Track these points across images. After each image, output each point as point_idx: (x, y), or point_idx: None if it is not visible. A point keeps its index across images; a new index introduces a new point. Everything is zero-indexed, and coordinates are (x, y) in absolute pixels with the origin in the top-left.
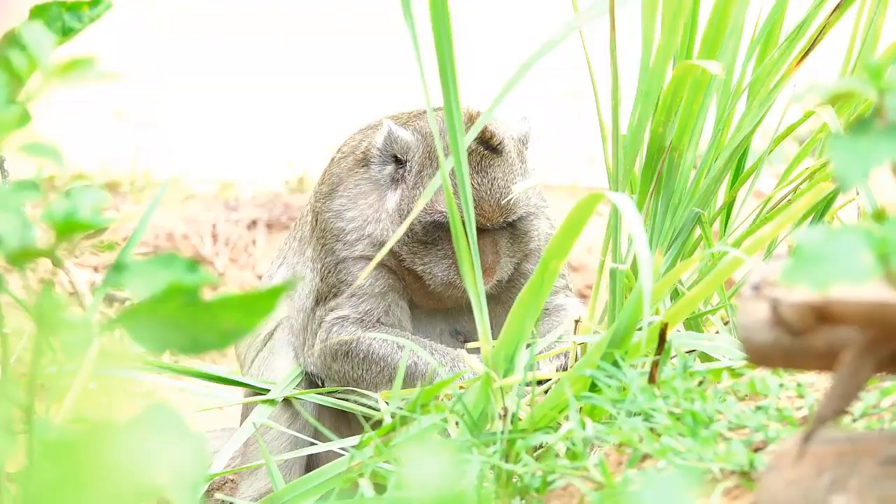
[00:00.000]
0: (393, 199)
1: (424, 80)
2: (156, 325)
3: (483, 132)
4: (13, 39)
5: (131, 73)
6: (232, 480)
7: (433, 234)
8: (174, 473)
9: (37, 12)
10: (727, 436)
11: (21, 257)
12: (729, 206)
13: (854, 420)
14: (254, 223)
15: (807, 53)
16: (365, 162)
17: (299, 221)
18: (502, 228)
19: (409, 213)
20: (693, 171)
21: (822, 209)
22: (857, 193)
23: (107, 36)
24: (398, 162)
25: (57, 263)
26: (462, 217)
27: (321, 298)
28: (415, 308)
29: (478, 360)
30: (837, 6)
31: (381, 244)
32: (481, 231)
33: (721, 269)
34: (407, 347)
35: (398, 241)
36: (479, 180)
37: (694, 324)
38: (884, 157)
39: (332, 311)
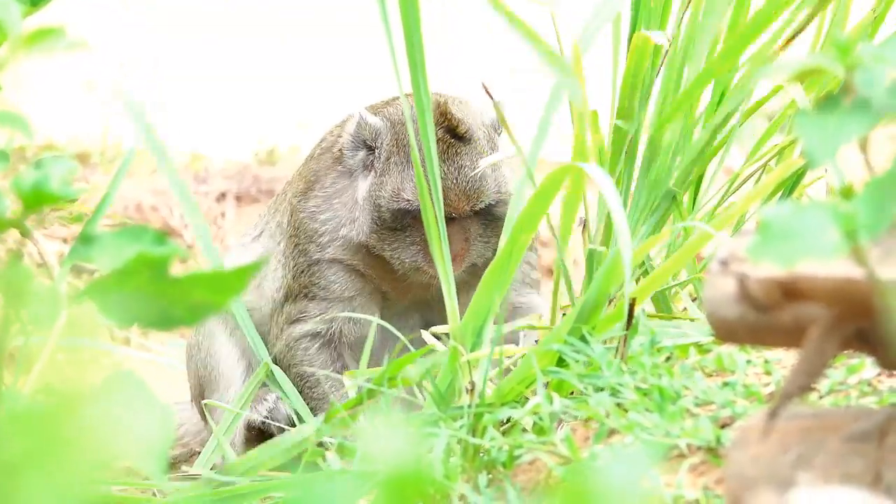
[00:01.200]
0: (363, 186)
1: (396, 63)
2: (124, 298)
3: (449, 120)
4: None
5: (101, 44)
6: (198, 453)
7: (401, 220)
8: (141, 443)
9: None
10: (694, 412)
11: None
12: (698, 182)
13: (821, 397)
14: (223, 195)
15: (792, 39)
16: (340, 157)
17: (280, 202)
18: (472, 216)
19: (377, 199)
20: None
21: (790, 185)
22: (826, 170)
23: (76, 6)
24: (369, 149)
25: (25, 234)
26: (433, 204)
27: (290, 295)
28: (389, 303)
29: (435, 339)
30: None
31: (354, 245)
32: (451, 219)
33: (690, 244)
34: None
35: (371, 228)
36: (446, 169)
37: (662, 300)
38: (852, 133)
39: (299, 317)
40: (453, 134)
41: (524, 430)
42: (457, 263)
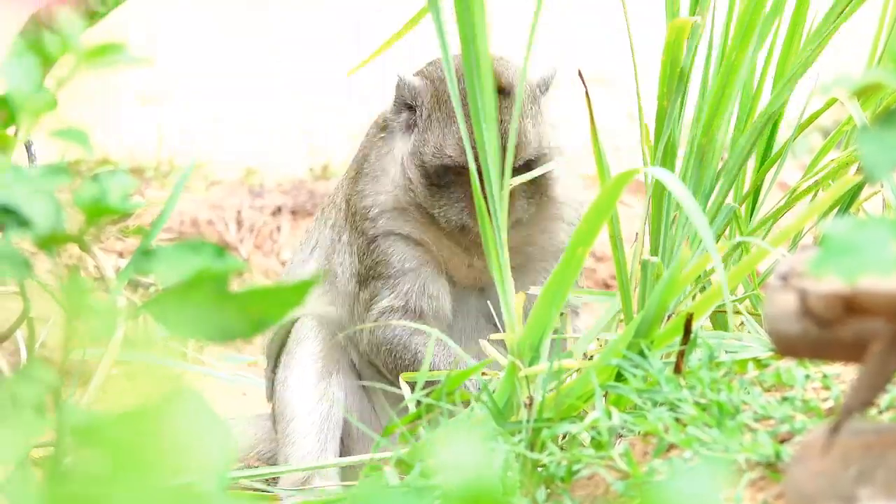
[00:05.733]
0: (406, 145)
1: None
2: (184, 312)
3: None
4: (43, 23)
5: (155, 56)
6: (255, 466)
7: (445, 177)
8: (202, 460)
9: None
10: (753, 427)
11: (51, 241)
12: (755, 195)
13: (880, 412)
14: (278, 210)
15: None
16: (385, 125)
17: (328, 209)
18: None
19: (421, 156)
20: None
21: (847, 201)
22: (882, 185)
23: (131, 18)
24: (410, 109)
25: (84, 248)
26: (479, 166)
27: (362, 281)
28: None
29: (498, 352)
30: None
31: (403, 206)
32: None
33: (747, 259)
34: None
35: (416, 184)
36: None
37: (720, 315)
38: None
39: (374, 299)
40: (498, 90)
41: (582, 444)
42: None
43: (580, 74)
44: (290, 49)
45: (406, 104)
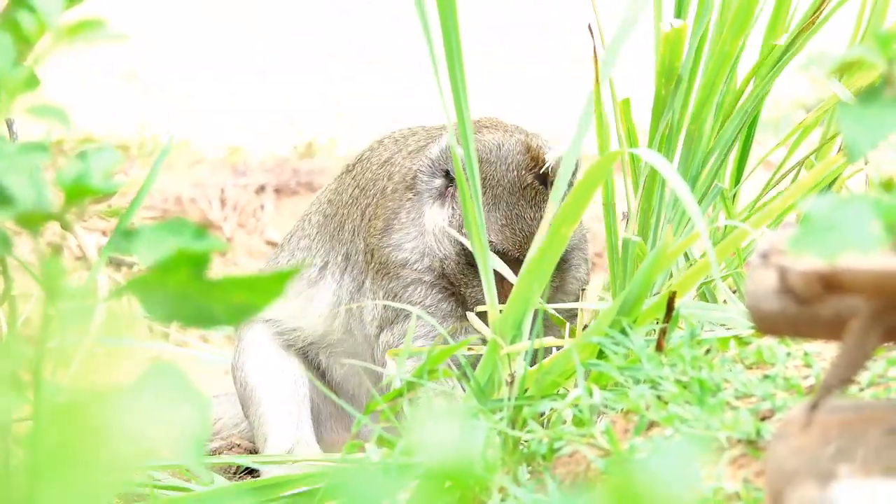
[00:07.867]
0: (440, 214)
1: (445, 103)
2: (165, 295)
3: (541, 166)
4: (21, 1)
5: (139, 35)
6: (238, 444)
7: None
8: (177, 433)
9: None
10: (734, 404)
11: (32, 220)
12: (738, 174)
13: (861, 389)
14: (262, 188)
15: (816, 13)
16: (413, 184)
17: (338, 232)
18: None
19: (460, 232)
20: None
21: (830, 179)
22: (866, 163)
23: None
24: (447, 177)
25: (67, 227)
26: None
27: (385, 324)
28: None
29: (484, 325)
30: None
31: (438, 270)
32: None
33: (729, 239)
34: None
35: (450, 260)
36: (532, 215)
37: (708, 293)
38: (892, 126)
39: (402, 338)
40: (543, 181)
41: (564, 422)
42: None
43: (590, 29)
44: (274, 29)
45: (445, 171)
